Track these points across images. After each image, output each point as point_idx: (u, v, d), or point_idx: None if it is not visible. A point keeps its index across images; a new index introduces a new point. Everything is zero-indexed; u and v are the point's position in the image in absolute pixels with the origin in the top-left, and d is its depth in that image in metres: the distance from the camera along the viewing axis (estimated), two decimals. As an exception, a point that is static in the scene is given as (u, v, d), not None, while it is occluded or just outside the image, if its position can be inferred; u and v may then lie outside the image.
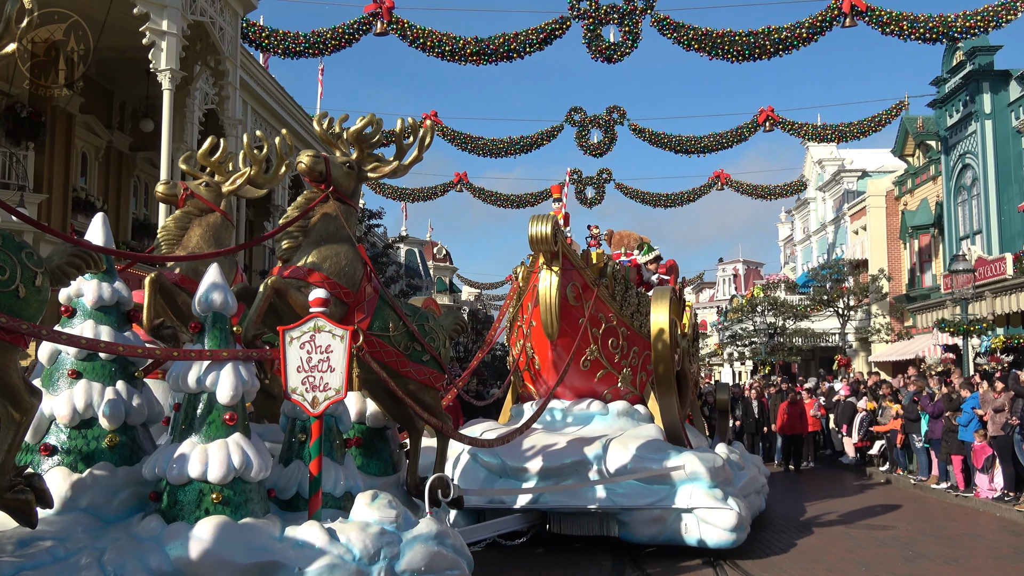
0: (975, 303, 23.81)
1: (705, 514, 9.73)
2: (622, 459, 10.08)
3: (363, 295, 7.14)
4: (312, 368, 6.20)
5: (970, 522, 12.91)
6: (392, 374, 7.10)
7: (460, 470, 10.42)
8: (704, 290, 75.99)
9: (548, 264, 10.34)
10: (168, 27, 14.61)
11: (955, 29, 22.49)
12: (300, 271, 6.87)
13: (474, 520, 10.13)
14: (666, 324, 10.74)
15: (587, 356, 11.18)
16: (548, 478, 10.11)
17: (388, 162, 7.61)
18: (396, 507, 6.33)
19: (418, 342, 7.44)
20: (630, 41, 23.89)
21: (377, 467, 7.85)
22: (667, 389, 10.80)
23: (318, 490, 6.20)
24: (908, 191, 34.68)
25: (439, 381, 7.73)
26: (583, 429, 11.19)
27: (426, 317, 7.80)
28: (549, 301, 10.32)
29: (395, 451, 8.12)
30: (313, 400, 6.20)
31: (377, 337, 7.11)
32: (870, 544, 11.00)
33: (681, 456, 10.15)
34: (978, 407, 14.38)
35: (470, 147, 31.96)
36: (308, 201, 7.12)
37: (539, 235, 10.04)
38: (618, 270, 11.80)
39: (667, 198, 37.57)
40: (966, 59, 28.20)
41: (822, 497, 15.50)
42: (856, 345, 37.81)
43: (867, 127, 30.72)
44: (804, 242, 49.93)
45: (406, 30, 23.47)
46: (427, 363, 7.54)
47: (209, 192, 8.13)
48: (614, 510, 9.91)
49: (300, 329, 6.27)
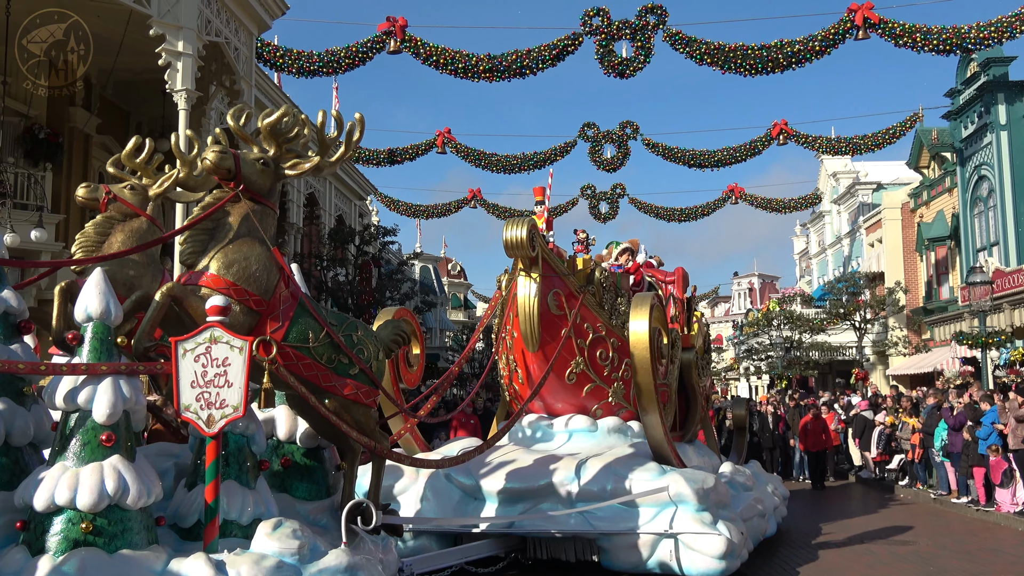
0: (993, 315, 23.65)
1: (691, 540, 8.88)
2: (601, 480, 9.30)
3: (277, 303, 6.51)
4: (208, 383, 5.65)
5: (991, 537, 12.77)
6: (314, 389, 6.57)
7: (433, 491, 9.78)
8: (719, 304, 75.80)
9: (527, 270, 9.67)
10: (184, 48, 14.74)
11: (969, 40, 22.42)
12: (202, 276, 6.29)
13: (451, 544, 9.51)
14: (645, 333, 9.76)
15: (572, 369, 10.42)
16: (523, 500, 9.44)
17: (309, 159, 6.89)
18: (302, 537, 5.79)
19: (345, 354, 6.79)
20: (642, 56, 23.93)
21: (309, 491, 7.30)
22: (648, 403, 9.81)
23: (214, 518, 5.64)
24: (924, 203, 34.53)
25: (371, 397, 7.06)
26: (565, 447, 10.45)
27: (355, 327, 7.13)
28: (528, 310, 9.67)
29: (331, 473, 7.54)
30: (208, 418, 5.64)
31: (294, 349, 6.50)
32: (891, 560, 10.89)
33: (666, 476, 9.30)
34: (997, 421, 14.25)
35: (483, 163, 32.06)
36: (216, 200, 6.51)
37: (514, 239, 9.33)
38: (607, 277, 11.03)
39: (681, 212, 37.57)
40: (980, 70, 28.12)
41: (841, 512, 15.38)
42: (874, 358, 37.58)
43: (881, 139, 30.64)
44: (820, 255, 49.74)
45: (419, 48, 23.59)
46: (356, 377, 6.87)
47: (134, 196, 7.59)
48: (593, 535, 9.13)
49: (195, 340, 5.71)
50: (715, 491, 9.46)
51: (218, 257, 6.33)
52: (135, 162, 7.72)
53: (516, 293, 9.81)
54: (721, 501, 9.59)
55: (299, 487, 7.27)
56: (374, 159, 32.03)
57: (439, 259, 52.07)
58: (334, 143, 6.94)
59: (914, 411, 18.45)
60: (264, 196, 6.71)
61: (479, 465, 9.63)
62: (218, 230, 6.44)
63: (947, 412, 15.94)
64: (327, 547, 5.99)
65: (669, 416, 11.26)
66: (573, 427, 10.75)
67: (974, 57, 27.50)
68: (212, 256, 6.34)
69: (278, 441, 7.38)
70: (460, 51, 23.74)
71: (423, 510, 9.61)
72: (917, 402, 19.10)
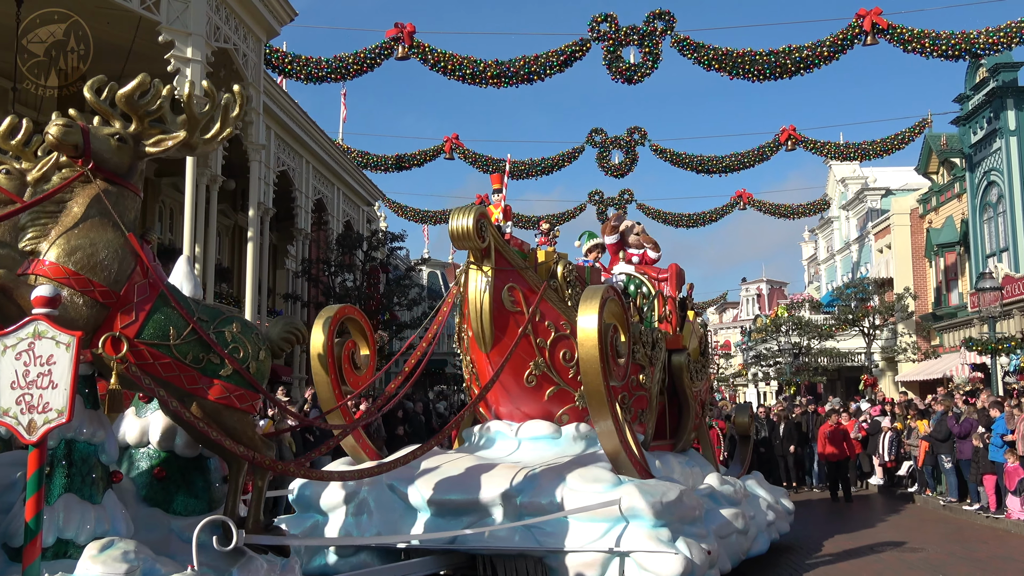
0: (1003, 321, 23.57)
1: (644, 559, 7.89)
2: (550, 492, 8.36)
3: (131, 295, 5.81)
4: (30, 384, 4.92)
5: (1001, 544, 12.70)
6: (176, 392, 5.93)
7: (376, 503, 8.96)
8: (728, 310, 75.67)
9: (478, 263, 8.96)
10: (192, 54, 14.81)
11: (978, 46, 22.40)
12: (38, 265, 5.60)
13: (397, 560, 8.63)
14: (593, 329, 8.46)
15: (531, 371, 9.40)
16: (468, 513, 8.54)
17: (174, 136, 6.10)
18: (133, 560, 5.16)
19: (216, 353, 6.09)
20: (650, 62, 23.98)
21: (187, 505, 6.55)
22: (599, 408, 8.56)
23: (34, 537, 4.88)
24: (933, 209, 34.45)
25: (247, 401, 6.29)
26: (524, 456, 9.37)
27: (230, 322, 6.33)
28: (480, 306, 8.94)
29: (215, 485, 6.82)
30: (30, 424, 4.90)
31: (150, 347, 5.80)
32: (899, 567, 10.84)
33: (619, 489, 8.31)
34: (1004, 428, 14.19)
35: (492, 169, 32.11)
36: (63, 180, 5.80)
37: (460, 229, 8.54)
38: (571, 271, 10.01)
39: (689, 218, 37.62)
40: (989, 76, 28.07)
41: (850, 519, 15.32)
42: (882, 365, 37.47)
43: (890, 145, 30.62)
44: (828, 261, 49.65)
45: (427, 54, 23.67)
46: (229, 379, 6.14)
47: (9, 181, 6.85)
48: (538, 552, 8.20)
49: (16, 335, 4.98)
50: (678, 505, 8.43)
51: (60, 243, 5.64)
52: (11, 144, 6.90)
53: (466, 288, 9.11)
54: (686, 516, 8.60)
55: (177, 501, 6.53)
56: (382, 165, 32.15)
57: (447, 265, 52.07)
58: (206, 119, 6.22)
59: (922, 416, 18.37)
60: (122, 176, 5.99)
61: (427, 476, 8.75)
62: (63, 214, 5.75)
63: (951, 420, 15.84)
64: (172, 569, 5.40)
65: (652, 423, 10.67)
66: (533, 434, 9.67)
67: (983, 62, 27.44)
68: (54, 242, 5.64)
69: (156, 451, 6.69)
70: (468, 57, 23.82)
71: (363, 523, 8.87)
72: (926, 409, 19.01)
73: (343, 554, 8.79)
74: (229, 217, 24.38)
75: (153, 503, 6.46)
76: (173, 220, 22.01)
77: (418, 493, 8.64)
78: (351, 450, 9.68)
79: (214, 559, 5.85)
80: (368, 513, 8.90)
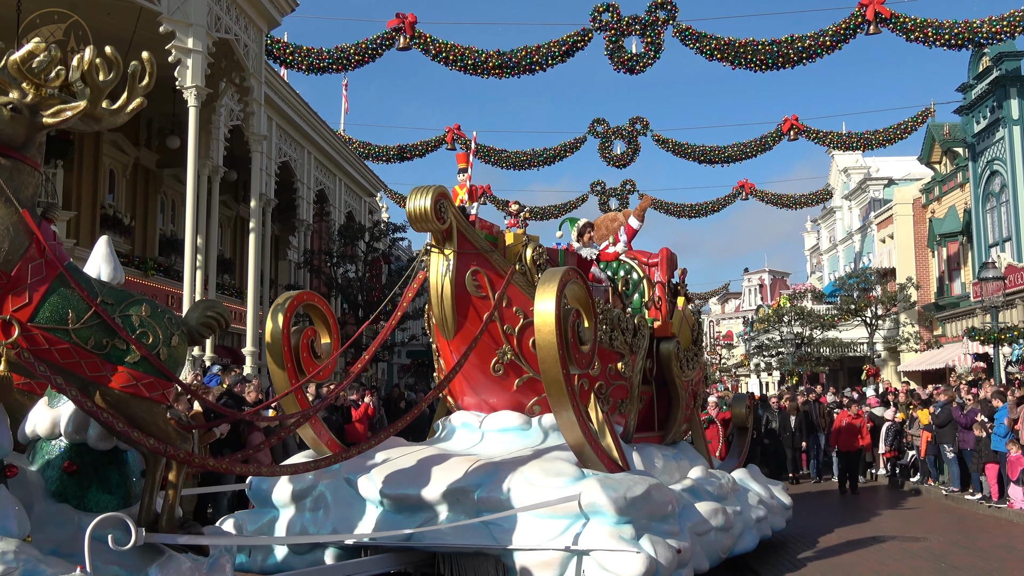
0: (1005, 311, 23.55)
1: (604, 558, 7.37)
2: (507, 486, 7.92)
3: (24, 276, 5.41)
4: None
5: (1004, 533, 12.71)
6: (76, 380, 5.53)
7: (334, 498, 8.61)
8: (730, 300, 75.70)
9: (439, 246, 8.53)
10: (193, 45, 14.79)
11: (981, 35, 22.32)
12: None
13: (356, 557, 8.26)
14: (551, 314, 7.90)
15: (498, 360, 8.89)
16: (425, 509, 8.13)
17: (74, 106, 5.59)
18: (12, 562, 4.84)
19: (122, 339, 5.66)
20: (652, 52, 23.93)
21: (101, 501, 6.09)
22: (558, 398, 8.06)
23: None
24: (935, 199, 34.39)
25: (157, 390, 5.85)
26: (489, 449, 8.94)
27: (139, 305, 5.86)
28: (441, 291, 8.54)
29: (132, 479, 6.37)
30: None
31: (46, 331, 5.41)
32: (902, 556, 10.84)
33: (579, 483, 7.80)
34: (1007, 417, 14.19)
35: (493, 160, 32.11)
36: None
37: (417, 211, 8.09)
38: (541, 254, 9.42)
39: (692, 208, 37.61)
40: (992, 65, 27.98)
41: (853, 509, 15.33)
42: (885, 355, 37.46)
43: (893, 135, 30.58)
44: (831, 251, 49.61)
45: (428, 44, 23.62)
46: (136, 366, 5.70)
47: None
48: (494, 551, 7.75)
49: None
50: (645, 500, 7.86)
51: None
52: None
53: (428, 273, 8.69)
54: (655, 512, 8.07)
55: (88, 497, 6.09)
56: (384, 155, 32.12)
57: (449, 256, 52.09)
58: (109, 87, 5.69)
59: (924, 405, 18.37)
60: (17, 149, 5.54)
61: (381, 469, 8.39)
62: None
63: (956, 410, 15.86)
64: (61, 570, 5.07)
65: (633, 414, 10.26)
66: (500, 425, 9.20)
67: (986, 51, 27.36)
68: None
69: (68, 443, 6.26)
70: (470, 47, 23.77)
71: (319, 519, 8.56)
72: (928, 398, 19.01)
73: (298, 551, 8.48)
74: (231, 208, 24.38)
75: (64, 499, 6.06)
76: (175, 211, 22.01)
77: (372, 487, 8.27)
78: (312, 443, 9.18)
79: (127, 558, 5.50)
80: (325, 508, 8.60)
